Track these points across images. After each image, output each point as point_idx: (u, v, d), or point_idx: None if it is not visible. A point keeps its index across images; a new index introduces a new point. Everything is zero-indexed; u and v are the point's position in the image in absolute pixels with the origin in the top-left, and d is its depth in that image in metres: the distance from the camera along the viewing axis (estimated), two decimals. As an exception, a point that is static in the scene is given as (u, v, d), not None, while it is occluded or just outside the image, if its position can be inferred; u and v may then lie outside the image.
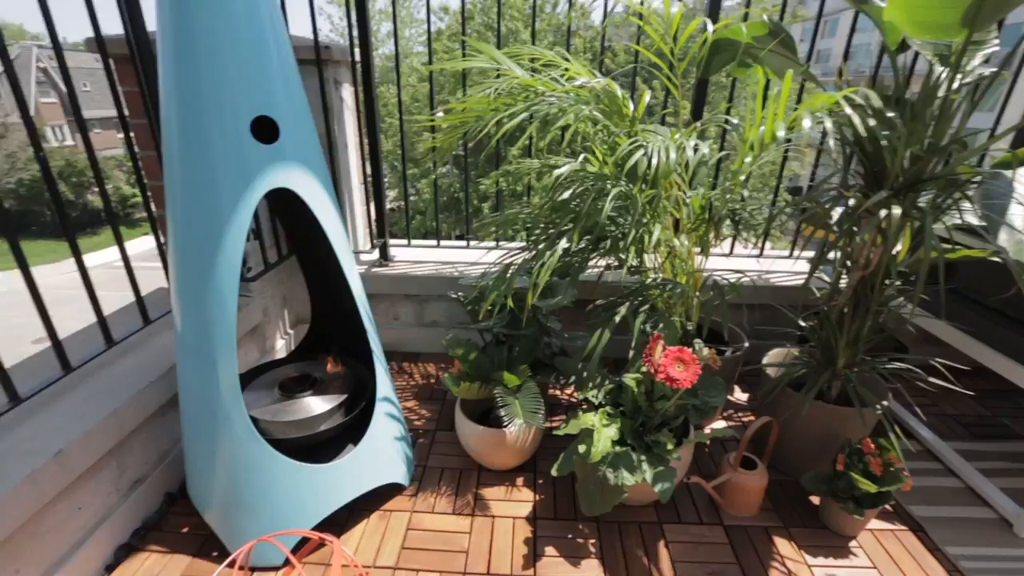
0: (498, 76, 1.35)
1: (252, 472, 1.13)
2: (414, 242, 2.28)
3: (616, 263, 1.52)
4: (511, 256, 1.42)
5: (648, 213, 1.29)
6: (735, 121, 1.31)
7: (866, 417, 1.28)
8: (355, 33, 1.80)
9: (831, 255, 1.34)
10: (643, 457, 1.17)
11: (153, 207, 1.49)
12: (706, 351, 1.14)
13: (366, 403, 1.34)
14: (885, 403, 1.32)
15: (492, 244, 2.14)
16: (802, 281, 1.74)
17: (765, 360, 1.53)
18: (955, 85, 1.18)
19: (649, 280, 1.36)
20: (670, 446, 1.18)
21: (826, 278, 1.48)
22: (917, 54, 1.61)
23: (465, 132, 1.35)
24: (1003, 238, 0.95)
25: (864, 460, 1.24)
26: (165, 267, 1.31)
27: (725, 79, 1.73)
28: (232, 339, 1.06)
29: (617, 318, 1.30)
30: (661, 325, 1.29)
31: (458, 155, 2.19)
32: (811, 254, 2.02)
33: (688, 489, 1.44)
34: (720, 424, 1.69)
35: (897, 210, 0.99)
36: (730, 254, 2.04)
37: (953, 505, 1.41)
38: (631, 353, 1.32)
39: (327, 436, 1.29)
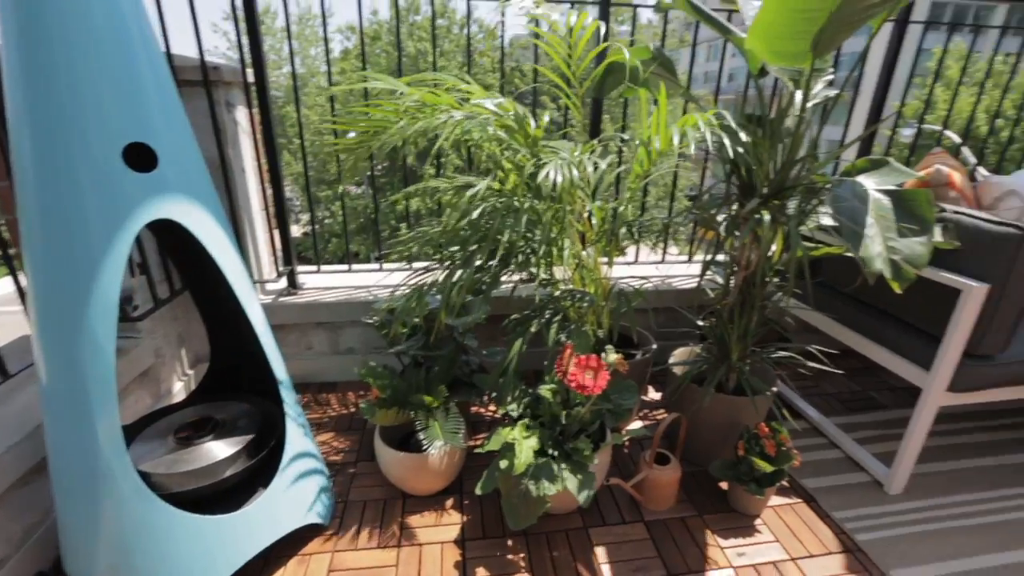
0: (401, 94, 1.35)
1: (145, 534, 1.02)
2: (324, 268, 2.20)
3: (528, 277, 1.56)
4: (422, 276, 1.41)
5: (555, 228, 1.34)
6: (626, 138, 1.40)
7: (759, 404, 1.40)
8: (248, 52, 1.72)
9: (721, 258, 1.47)
10: (563, 465, 1.20)
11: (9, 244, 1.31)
12: (613, 357, 1.20)
13: (276, 442, 1.26)
14: (775, 389, 1.46)
15: (406, 265, 2.11)
16: (692, 283, 1.89)
17: (671, 359, 1.63)
18: (808, 104, 1.36)
19: (560, 292, 1.41)
20: (588, 452, 1.22)
21: (719, 279, 1.62)
22: (777, 79, 1.83)
23: (371, 152, 1.33)
24: (848, 234, 1.10)
25: (760, 443, 1.35)
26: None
27: (617, 99, 1.84)
28: (111, 387, 0.96)
29: (531, 331, 1.33)
30: (573, 334, 1.33)
31: (372, 175, 2.15)
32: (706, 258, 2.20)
33: (610, 490, 1.49)
34: (636, 424, 1.77)
35: (767, 216, 1.11)
36: (635, 262, 2.17)
37: (837, 474, 1.58)
38: (547, 364, 1.36)
39: (233, 482, 1.19)
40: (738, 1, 1.68)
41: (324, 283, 2.08)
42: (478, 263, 1.18)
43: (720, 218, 1.39)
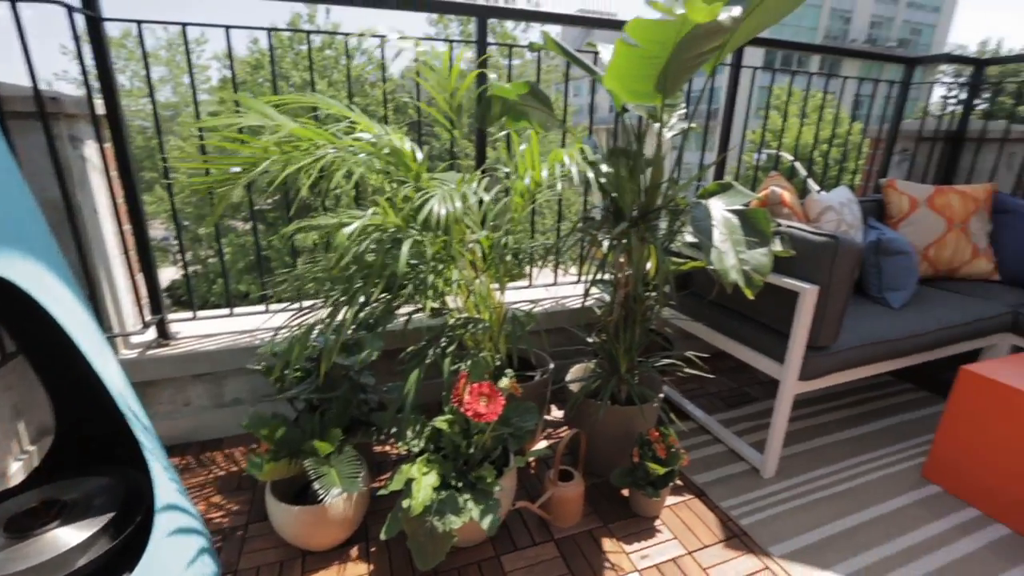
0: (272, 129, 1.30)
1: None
2: (201, 313, 2.01)
3: (422, 308, 1.55)
4: (307, 316, 1.35)
5: (444, 258, 1.35)
6: (506, 170, 1.46)
7: (648, 411, 1.51)
8: (97, 80, 1.56)
9: (606, 276, 1.57)
10: (468, 496, 1.19)
11: None
12: (506, 381, 1.23)
13: (142, 517, 1.11)
14: (662, 395, 1.58)
15: (293, 305, 2.00)
16: (589, 302, 2.00)
17: (568, 377, 1.70)
18: (668, 136, 1.52)
19: (453, 320, 1.42)
20: (491, 479, 1.22)
21: (607, 297, 1.73)
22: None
23: (236, 190, 1.26)
24: (706, 250, 1.23)
25: (653, 448, 1.45)
26: None
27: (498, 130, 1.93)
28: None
29: (427, 362, 1.31)
30: (468, 362, 1.34)
31: (258, 210, 2.02)
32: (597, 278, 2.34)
33: (519, 514, 1.51)
34: (542, 444, 1.81)
35: (634, 237, 1.22)
36: (529, 285, 2.25)
37: (722, 466, 1.73)
38: (444, 394, 1.35)
39: (88, 572, 1.03)
40: (598, 45, 1.85)
41: (202, 330, 1.90)
42: (363, 300, 1.15)
43: (603, 241, 1.50)
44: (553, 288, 2.26)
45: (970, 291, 2.12)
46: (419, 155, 1.45)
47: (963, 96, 2.86)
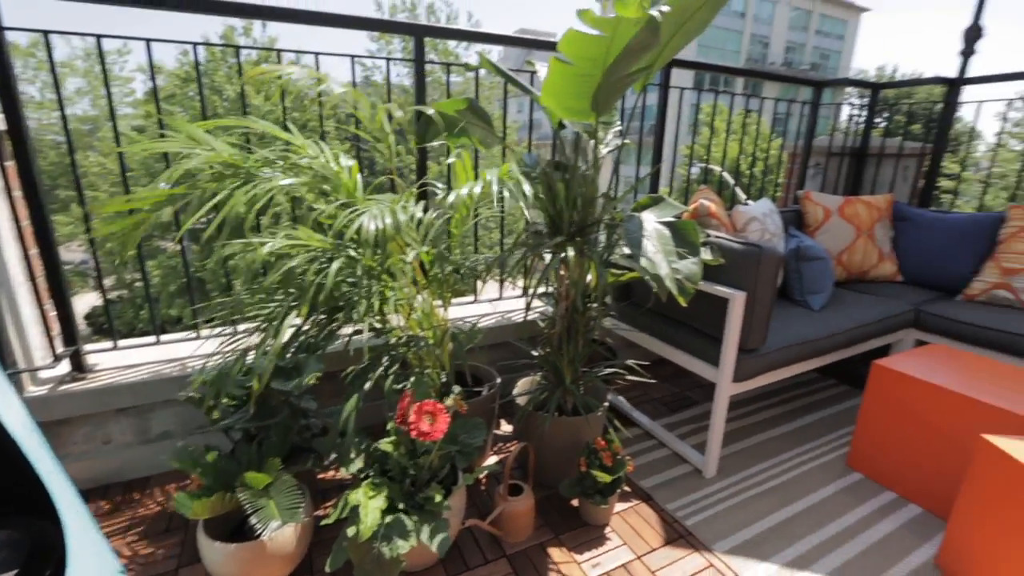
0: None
1: None
2: (124, 342, 1.88)
3: (366, 328, 1.52)
4: (241, 341, 1.29)
5: (381, 276, 1.34)
6: (440, 186, 1.47)
7: (593, 421, 1.54)
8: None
9: (548, 290, 1.60)
10: (416, 518, 1.16)
11: None
12: (451, 399, 1.22)
13: (52, 572, 1.01)
14: (606, 404, 1.61)
15: (227, 330, 1.90)
16: (534, 316, 2.02)
17: (516, 391, 1.71)
18: (602, 152, 1.58)
19: (395, 339, 1.40)
20: (439, 498, 1.20)
21: (552, 310, 1.76)
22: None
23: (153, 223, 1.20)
24: (641, 260, 1.28)
25: (599, 457, 1.47)
26: None
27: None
28: None
29: (368, 383, 1.29)
30: (412, 381, 1.33)
31: (194, 230, 1.91)
32: (540, 291, 2.37)
33: (470, 532, 1.49)
34: (492, 460, 1.81)
35: (572, 251, 1.25)
36: (475, 301, 2.25)
37: (667, 469, 1.78)
38: (389, 415, 1.32)
39: (-13, 638, 0.92)
40: (536, 64, 1.91)
41: (125, 360, 1.77)
42: (297, 321, 1.12)
43: (547, 255, 1.53)
44: (499, 303, 2.28)
45: (878, 292, 2.32)
46: (354, 172, 1.43)
47: (864, 116, 3.15)
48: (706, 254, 1.57)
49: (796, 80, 2.99)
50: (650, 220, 1.36)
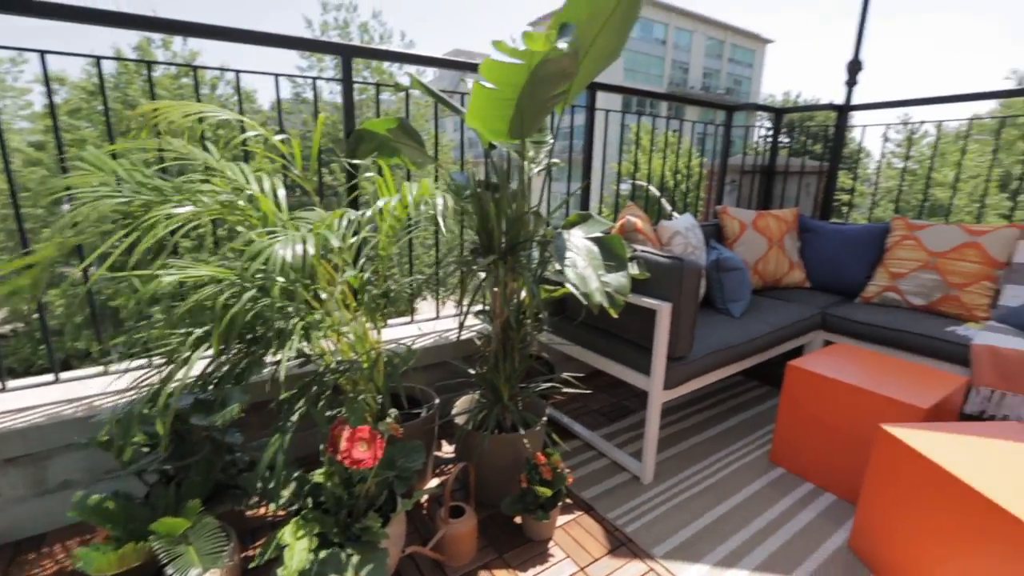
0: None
1: None
2: (15, 382, 1.69)
3: (297, 355, 1.46)
4: (153, 375, 1.20)
5: (306, 301, 1.29)
6: (361, 211, 1.45)
7: (532, 436, 1.55)
8: None
9: (484, 308, 1.61)
10: (351, 551, 1.12)
11: None
12: (385, 423, 1.19)
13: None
14: (544, 419, 1.63)
15: (139, 363, 1.76)
16: (471, 334, 2.03)
17: (455, 410, 1.70)
18: (533, 171, 1.62)
19: (326, 366, 1.36)
20: (377, 528, 1.16)
21: (489, 327, 1.77)
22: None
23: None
24: (571, 276, 1.33)
25: (539, 471, 1.49)
26: None
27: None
28: None
29: (297, 413, 1.23)
30: (345, 407, 1.28)
31: (106, 254, 1.75)
32: (476, 309, 2.38)
33: (412, 560, 1.45)
34: (434, 482, 1.77)
35: (503, 269, 1.27)
36: (411, 321, 2.22)
37: (607, 479, 1.83)
38: (321, 446, 1.27)
39: None
40: (468, 83, 1.94)
41: (16, 403, 1.59)
42: (209, 351, 1.06)
43: (481, 274, 1.54)
44: (436, 322, 2.26)
45: (790, 298, 2.52)
46: (279, 194, 1.39)
47: (771, 137, 3.45)
48: (633, 268, 1.65)
49: (708, 104, 3.22)
50: (579, 236, 1.42)
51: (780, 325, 2.16)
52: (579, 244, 1.42)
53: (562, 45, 1.11)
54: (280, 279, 1.16)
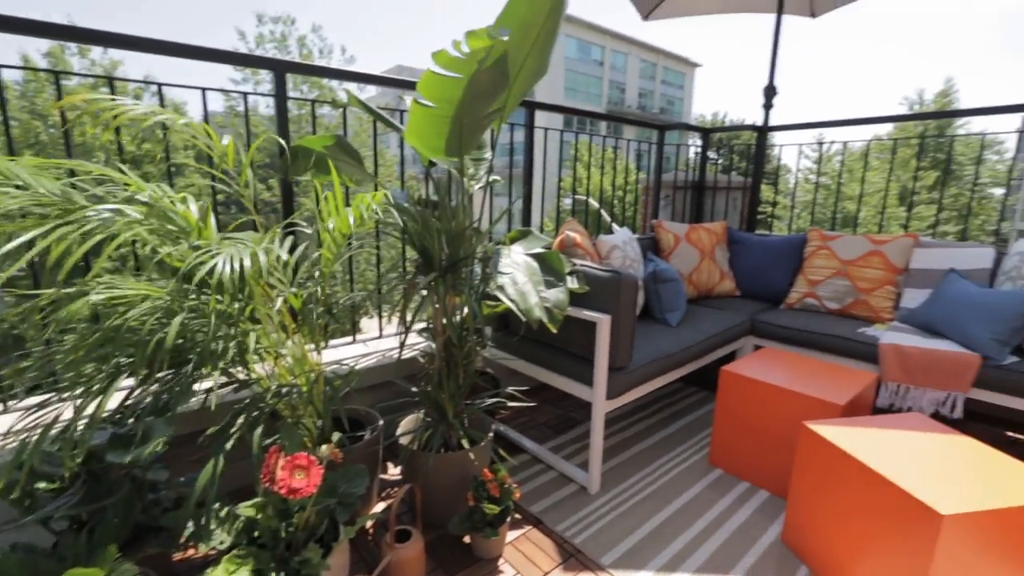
0: None
1: None
2: None
3: (229, 381, 1.39)
4: (60, 410, 1.10)
5: (242, 323, 1.24)
6: (305, 225, 1.42)
7: (479, 453, 1.54)
8: None
9: (427, 325, 1.59)
10: (289, 586, 1.07)
11: None
12: (324, 448, 1.16)
13: None
14: (491, 435, 1.63)
15: (47, 398, 1.61)
16: (414, 352, 2.00)
17: (400, 431, 1.66)
18: (474, 188, 1.64)
19: (262, 390, 1.30)
20: (317, 560, 1.12)
21: (434, 345, 1.75)
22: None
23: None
24: (510, 292, 1.35)
25: (486, 488, 1.48)
26: None
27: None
28: None
29: (229, 444, 1.17)
30: (282, 434, 1.23)
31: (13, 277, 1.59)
32: (420, 326, 2.35)
33: (357, 590, 1.39)
34: (380, 506, 1.72)
35: (443, 286, 1.27)
36: (353, 340, 2.17)
37: (555, 491, 1.84)
38: (256, 476, 1.21)
39: None
40: (408, 103, 1.94)
41: None
42: (127, 381, 0.99)
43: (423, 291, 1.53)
44: (380, 341, 2.21)
45: (722, 306, 2.67)
46: (202, 210, 1.32)
47: (700, 154, 3.66)
48: (573, 282, 1.69)
49: (641, 123, 3.39)
50: (518, 253, 1.44)
51: (713, 332, 2.28)
52: (519, 260, 1.45)
53: (504, 36, 1.13)
54: (219, 297, 1.11)
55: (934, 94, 15.30)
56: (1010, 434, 2.31)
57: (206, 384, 1.41)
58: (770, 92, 3.09)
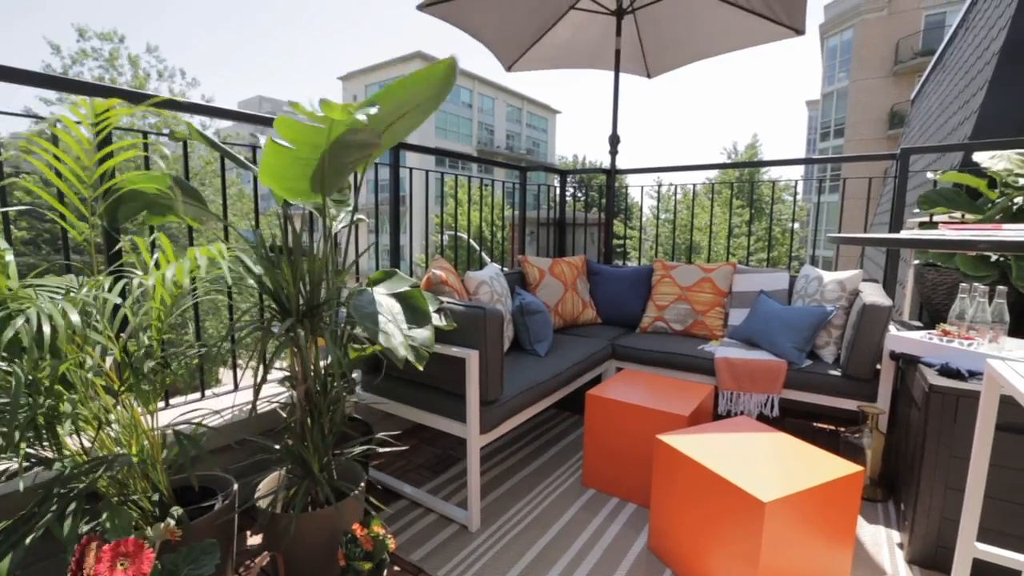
0: None
1: None
2: None
3: (30, 462, 1.15)
4: None
5: (49, 390, 1.05)
6: (139, 274, 1.27)
7: (349, 506, 1.46)
8: None
9: (285, 374, 1.48)
10: None
11: None
12: (153, 528, 1.01)
13: None
14: (362, 485, 1.55)
15: None
16: (273, 404, 1.85)
17: (258, 493, 1.51)
18: (337, 228, 1.59)
19: (73, 468, 1.10)
20: (149, 661, 0.95)
21: (296, 395, 1.63)
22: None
23: None
24: (374, 333, 1.32)
25: (358, 543, 1.39)
26: None
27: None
28: None
29: (28, 539, 0.96)
30: (105, 516, 1.05)
31: None
32: (281, 375, 2.17)
33: None
34: (235, 584, 1.53)
35: (302, 332, 1.21)
36: (202, 397, 1.93)
37: (436, 535, 1.79)
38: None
39: None
40: (260, 137, 1.85)
41: None
42: None
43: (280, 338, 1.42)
44: (236, 394, 2.00)
45: (586, 333, 2.88)
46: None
47: (560, 193, 3.98)
48: (441, 320, 1.72)
49: (503, 164, 3.60)
50: (381, 293, 1.43)
51: (579, 359, 2.44)
52: (381, 301, 1.43)
53: (361, 117, 1.13)
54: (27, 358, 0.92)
55: (744, 146, 18.54)
56: (816, 424, 2.79)
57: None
58: (614, 140, 3.50)
